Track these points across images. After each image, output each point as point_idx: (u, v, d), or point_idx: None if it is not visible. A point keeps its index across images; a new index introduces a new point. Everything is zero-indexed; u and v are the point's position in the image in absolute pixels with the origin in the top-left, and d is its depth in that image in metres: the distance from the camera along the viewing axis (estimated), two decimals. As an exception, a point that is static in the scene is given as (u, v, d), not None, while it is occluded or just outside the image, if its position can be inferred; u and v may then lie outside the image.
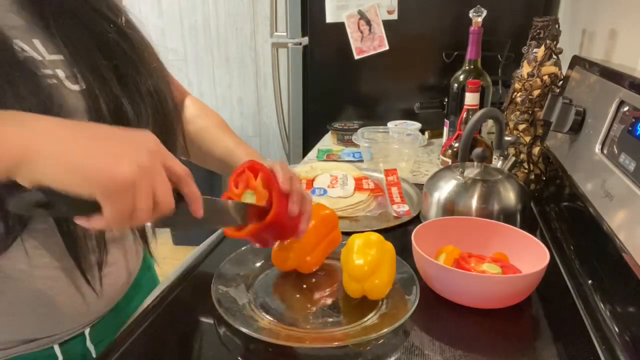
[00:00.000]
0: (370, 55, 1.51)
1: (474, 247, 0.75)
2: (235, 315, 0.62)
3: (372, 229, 0.88)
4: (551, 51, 0.98)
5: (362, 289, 0.65)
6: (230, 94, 2.58)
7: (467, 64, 1.22)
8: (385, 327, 0.59)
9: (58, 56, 0.55)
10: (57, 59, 0.54)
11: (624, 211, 0.58)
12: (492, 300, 0.65)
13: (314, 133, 1.65)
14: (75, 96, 0.54)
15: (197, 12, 2.47)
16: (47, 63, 0.53)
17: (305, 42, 1.64)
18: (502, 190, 0.84)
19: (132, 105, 0.57)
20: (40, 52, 0.53)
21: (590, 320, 0.63)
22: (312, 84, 1.65)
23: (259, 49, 2.48)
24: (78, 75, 0.55)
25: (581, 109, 0.80)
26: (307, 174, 1.09)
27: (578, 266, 0.74)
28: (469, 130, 0.88)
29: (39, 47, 0.54)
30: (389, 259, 0.66)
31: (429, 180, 0.92)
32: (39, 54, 0.53)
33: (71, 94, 0.54)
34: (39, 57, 0.53)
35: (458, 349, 0.58)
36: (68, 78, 0.54)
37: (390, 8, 1.46)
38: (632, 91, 0.66)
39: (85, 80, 0.55)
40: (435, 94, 1.49)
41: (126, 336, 0.61)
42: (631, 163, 0.60)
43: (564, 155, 0.84)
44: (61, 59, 0.55)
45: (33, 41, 0.53)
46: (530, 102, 1.00)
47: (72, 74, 0.55)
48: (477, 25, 1.16)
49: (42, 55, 0.53)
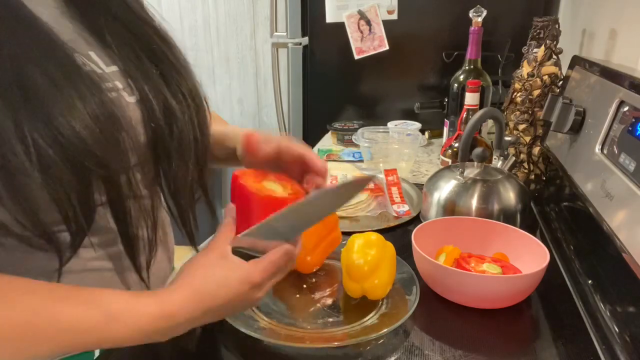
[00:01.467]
0: (370, 55, 1.51)
1: (474, 247, 0.75)
2: (236, 315, 0.62)
3: (372, 229, 0.88)
4: (551, 51, 0.98)
5: (362, 289, 0.65)
6: (230, 94, 2.58)
7: (467, 64, 1.22)
8: (385, 327, 0.59)
9: (114, 67, 0.55)
10: (114, 70, 0.55)
11: (624, 211, 0.58)
12: (492, 300, 0.65)
13: (314, 133, 1.64)
14: (133, 107, 0.55)
15: (197, 12, 2.47)
16: (106, 76, 0.54)
17: (305, 42, 1.64)
18: (502, 190, 0.84)
19: (179, 107, 0.58)
20: (99, 65, 0.54)
21: (590, 320, 0.63)
22: (312, 84, 1.65)
23: (259, 49, 2.47)
24: (132, 85, 0.56)
25: (581, 109, 0.80)
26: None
27: (578, 266, 0.74)
28: (469, 130, 0.88)
29: (97, 60, 0.54)
30: (389, 258, 0.66)
31: (429, 180, 0.92)
32: (98, 67, 0.53)
33: (129, 105, 0.55)
34: (98, 69, 0.53)
35: (458, 349, 0.58)
36: (124, 89, 0.55)
37: (390, 8, 1.46)
38: (632, 91, 0.66)
39: (140, 90, 0.56)
40: (435, 94, 1.49)
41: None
42: (631, 163, 0.60)
43: (564, 155, 0.84)
44: (117, 70, 0.55)
45: (89, 53, 0.54)
46: (530, 102, 1.00)
47: (127, 85, 0.55)
48: (477, 25, 1.16)
49: (101, 68, 0.54)
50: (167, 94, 0.58)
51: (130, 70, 0.56)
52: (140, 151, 0.56)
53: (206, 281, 0.49)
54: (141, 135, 0.56)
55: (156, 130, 0.56)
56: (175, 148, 0.58)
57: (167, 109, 0.57)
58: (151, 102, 0.56)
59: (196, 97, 0.62)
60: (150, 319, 0.46)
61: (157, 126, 0.56)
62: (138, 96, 0.56)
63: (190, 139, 0.59)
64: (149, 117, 0.56)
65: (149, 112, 0.56)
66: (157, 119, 0.56)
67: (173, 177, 0.60)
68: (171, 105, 0.58)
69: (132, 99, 0.56)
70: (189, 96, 0.60)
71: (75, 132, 0.45)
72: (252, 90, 2.56)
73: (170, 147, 0.58)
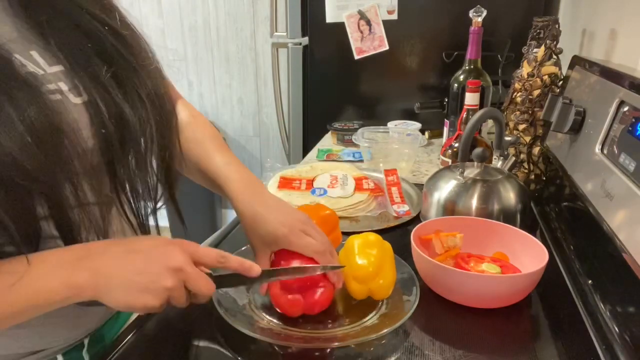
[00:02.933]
0: (370, 55, 1.51)
1: (474, 247, 0.75)
2: (236, 316, 0.62)
3: (372, 229, 0.88)
4: (551, 51, 0.98)
5: (368, 290, 0.64)
6: (230, 94, 2.58)
7: (467, 64, 1.22)
8: (385, 327, 0.59)
9: (58, 67, 0.52)
10: (57, 71, 0.52)
11: (624, 211, 0.58)
12: (491, 299, 0.65)
13: (314, 133, 1.64)
14: (78, 109, 0.52)
15: (197, 12, 2.47)
16: (49, 77, 0.51)
17: (305, 42, 1.64)
18: (502, 190, 0.84)
19: (133, 111, 0.55)
20: (40, 65, 0.51)
21: (590, 320, 0.63)
22: (312, 84, 1.65)
23: (259, 49, 2.48)
24: (80, 86, 0.52)
25: (581, 109, 0.80)
26: (307, 174, 1.09)
27: (578, 266, 0.74)
28: (469, 130, 0.88)
29: (38, 60, 0.51)
30: (390, 258, 0.66)
31: (429, 180, 0.92)
32: (39, 68, 0.50)
33: (75, 107, 0.52)
34: (40, 71, 0.50)
35: (458, 349, 0.58)
36: (70, 90, 0.52)
37: (390, 8, 1.46)
38: (632, 91, 0.66)
39: (87, 91, 0.53)
40: (435, 94, 1.49)
41: (126, 337, 0.61)
42: (631, 163, 0.60)
43: (564, 155, 0.84)
44: (62, 70, 0.52)
45: (31, 53, 0.50)
46: (530, 102, 1.00)
47: (73, 86, 0.52)
48: (477, 25, 1.16)
49: (43, 69, 0.51)
50: (120, 97, 0.54)
51: (76, 71, 0.52)
52: (87, 157, 0.53)
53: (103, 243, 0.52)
54: (89, 140, 0.52)
55: (106, 136, 0.53)
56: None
57: (118, 114, 0.54)
58: (99, 105, 0.52)
59: (158, 101, 0.58)
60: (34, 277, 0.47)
61: (107, 132, 0.53)
62: (85, 97, 0.52)
63: (147, 143, 0.56)
64: (98, 121, 0.52)
65: (97, 114, 0.52)
66: (106, 123, 0.53)
67: (130, 185, 0.57)
68: (123, 109, 0.54)
69: (79, 100, 0.52)
70: (147, 99, 0.57)
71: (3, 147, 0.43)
72: (252, 90, 2.56)
73: (123, 154, 0.55)
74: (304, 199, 0.99)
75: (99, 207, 0.55)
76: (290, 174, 1.09)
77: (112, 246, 0.51)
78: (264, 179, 1.09)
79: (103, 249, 0.51)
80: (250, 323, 0.61)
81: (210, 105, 2.62)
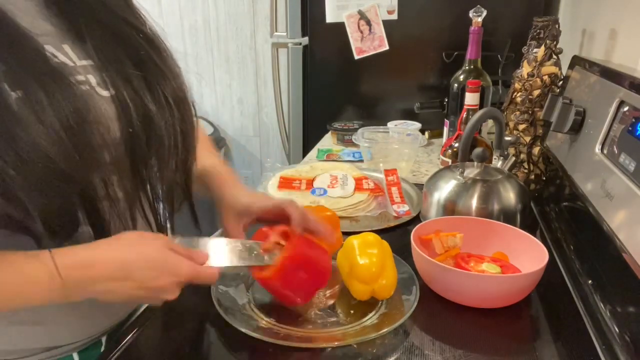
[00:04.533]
0: (370, 55, 1.51)
1: (474, 247, 0.75)
2: (235, 315, 0.62)
3: (372, 229, 0.88)
4: (551, 51, 0.98)
5: (372, 290, 0.64)
6: (230, 94, 2.58)
7: (467, 64, 1.22)
8: (385, 327, 0.59)
9: (88, 61, 0.54)
10: (87, 64, 0.54)
11: (624, 211, 0.58)
12: (491, 299, 0.65)
13: (314, 133, 1.64)
14: (106, 102, 0.54)
15: (197, 12, 2.47)
16: (78, 69, 0.53)
17: (305, 42, 1.64)
18: (502, 190, 0.84)
19: (160, 113, 0.57)
20: (71, 58, 0.53)
21: (590, 320, 0.63)
22: (312, 84, 1.65)
23: (259, 49, 2.47)
24: (107, 80, 0.55)
25: (581, 109, 0.80)
26: (307, 174, 1.09)
27: (578, 266, 0.74)
28: (469, 130, 0.88)
29: (69, 53, 0.53)
30: (390, 257, 0.66)
31: (429, 180, 0.92)
32: (70, 60, 0.53)
33: (102, 99, 0.54)
34: (70, 62, 0.53)
35: (458, 349, 0.58)
36: (99, 84, 0.54)
37: (390, 8, 1.46)
38: (632, 91, 0.66)
39: (115, 86, 0.55)
40: (435, 94, 1.49)
41: (126, 337, 0.61)
42: (631, 163, 0.60)
43: (564, 155, 0.84)
44: (91, 64, 0.55)
45: (63, 46, 0.53)
46: (530, 102, 1.00)
47: (102, 80, 0.54)
48: (477, 25, 1.16)
49: (73, 61, 0.53)
50: (148, 98, 0.57)
51: (106, 67, 0.55)
52: (115, 148, 0.54)
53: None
54: (116, 133, 0.54)
55: (132, 135, 0.55)
56: (153, 155, 0.57)
57: (146, 115, 0.56)
58: (127, 101, 0.55)
59: (182, 104, 0.61)
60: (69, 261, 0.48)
61: (134, 131, 0.55)
62: (113, 91, 0.55)
63: (171, 145, 0.58)
64: (125, 116, 0.55)
65: (124, 109, 0.55)
66: (133, 122, 0.55)
67: (151, 184, 0.59)
68: (150, 110, 0.56)
69: (106, 93, 0.54)
70: (173, 103, 0.59)
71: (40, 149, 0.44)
72: (252, 90, 2.56)
73: (147, 154, 0.57)
74: (304, 199, 0.99)
75: (127, 203, 0.57)
76: (290, 174, 1.09)
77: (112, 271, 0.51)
78: (264, 179, 1.10)
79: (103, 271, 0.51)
80: (249, 322, 0.61)
81: (210, 105, 2.61)
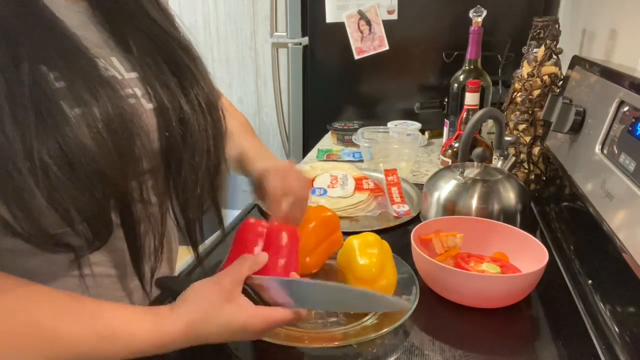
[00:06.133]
0: (370, 55, 1.51)
1: (474, 247, 0.75)
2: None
3: (372, 229, 0.88)
4: (551, 51, 0.98)
5: None
6: (230, 94, 2.58)
7: (467, 64, 1.22)
8: (385, 327, 0.59)
9: (134, 74, 0.56)
10: (134, 77, 0.56)
11: (624, 211, 0.58)
12: (491, 299, 0.65)
13: (314, 133, 1.64)
14: (150, 114, 0.55)
15: (197, 12, 2.47)
16: (126, 82, 0.54)
17: (305, 42, 1.64)
18: (502, 190, 0.84)
19: (194, 117, 0.58)
20: (119, 71, 0.55)
21: (590, 320, 0.63)
22: (312, 84, 1.65)
23: (259, 49, 2.48)
24: (151, 92, 0.56)
25: (581, 109, 0.80)
26: (307, 174, 1.09)
27: (578, 266, 0.74)
28: (469, 130, 0.88)
29: (118, 66, 0.55)
30: (389, 257, 0.66)
31: (429, 180, 0.92)
32: (118, 73, 0.54)
33: (147, 112, 0.55)
34: (119, 75, 0.54)
35: (458, 349, 0.58)
36: (143, 96, 0.56)
37: (390, 8, 1.46)
38: (632, 91, 0.66)
39: (157, 98, 0.56)
40: (435, 94, 1.49)
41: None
42: (631, 163, 0.60)
43: (564, 155, 0.84)
44: (137, 77, 0.56)
45: (112, 59, 0.55)
46: (530, 102, 1.00)
47: (146, 92, 0.56)
48: (477, 25, 1.16)
49: (121, 74, 0.54)
50: (184, 103, 0.58)
51: (149, 78, 0.57)
52: (153, 158, 0.56)
53: (207, 323, 0.50)
54: (155, 143, 0.56)
55: (170, 139, 0.57)
56: (187, 157, 0.58)
57: (182, 119, 0.58)
58: (168, 110, 0.56)
59: (213, 109, 0.62)
60: (144, 345, 0.48)
61: (171, 135, 0.57)
62: (155, 104, 0.56)
63: (204, 149, 0.60)
64: (165, 126, 0.56)
65: (165, 120, 0.56)
66: (172, 127, 0.57)
67: (182, 187, 0.60)
68: (187, 114, 0.58)
69: (150, 106, 0.56)
70: (206, 108, 0.61)
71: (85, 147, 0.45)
72: (252, 90, 2.56)
73: (182, 156, 0.58)
74: (304, 199, 0.98)
75: (159, 207, 0.58)
76: (290, 174, 1.09)
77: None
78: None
79: None
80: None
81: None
